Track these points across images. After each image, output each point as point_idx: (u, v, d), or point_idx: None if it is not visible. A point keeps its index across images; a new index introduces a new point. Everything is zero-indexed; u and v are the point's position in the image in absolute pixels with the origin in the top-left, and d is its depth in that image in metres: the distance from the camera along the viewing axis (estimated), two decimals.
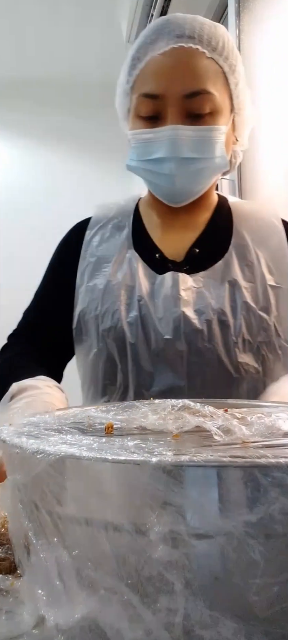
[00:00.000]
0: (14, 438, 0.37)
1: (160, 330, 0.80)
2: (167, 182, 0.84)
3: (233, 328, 0.80)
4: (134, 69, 0.85)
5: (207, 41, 0.81)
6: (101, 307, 0.84)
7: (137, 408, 0.46)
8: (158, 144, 0.82)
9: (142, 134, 0.84)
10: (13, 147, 3.58)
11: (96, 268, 0.89)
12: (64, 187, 3.52)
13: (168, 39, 0.81)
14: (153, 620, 0.29)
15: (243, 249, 0.87)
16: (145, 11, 2.40)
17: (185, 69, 0.80)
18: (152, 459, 0.29)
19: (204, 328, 0.79)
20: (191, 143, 0.80)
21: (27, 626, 0.34)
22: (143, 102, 0.83)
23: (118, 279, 0.85)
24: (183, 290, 0.82)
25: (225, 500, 0.28)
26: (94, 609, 0.30)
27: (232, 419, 0.38)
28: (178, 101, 0.80)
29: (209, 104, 0.81)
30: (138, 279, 0.84)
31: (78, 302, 0.88)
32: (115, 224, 0.93)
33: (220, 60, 0.82)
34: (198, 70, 0.80)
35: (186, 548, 0.28)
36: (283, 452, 0.29)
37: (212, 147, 0.82)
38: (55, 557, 0.32)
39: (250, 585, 0.28)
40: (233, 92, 0.85)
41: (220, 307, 0.81)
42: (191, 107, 0.80)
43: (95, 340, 0.84)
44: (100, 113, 3.57)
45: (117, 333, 0.82)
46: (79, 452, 0.31)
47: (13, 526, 0.38)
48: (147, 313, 0.82)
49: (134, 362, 0.81)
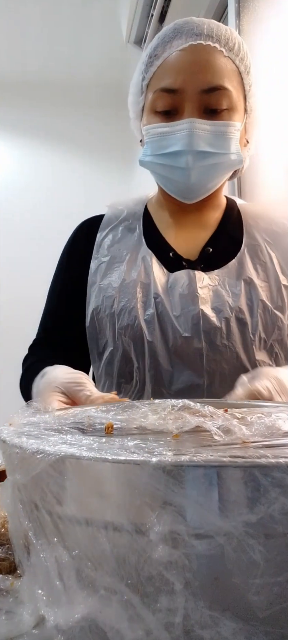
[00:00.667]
0: (14, 438, 0.37)
1: (178, 327, 0.80)
2: (182, 176, 0.84)
3: (251, 326, 0.81)
4: (151, 65, 0.87)
5: (224, 41, 0.83)
6: (117, 305, 0.84)
7: (137, 408, 0.46)
8: (174, 138, 0.82)
9: (157, 127, 0.85)
10: (12, 146, 3.58)
11: (109, 267, 0.89)
12: (63, 186, 3.52)
13: (187, 36, 0.83)
14: (153, 620, 0.29)
15: (255, 248, 0.88)
16: (145, 11, 2.39)
17: (203, 65, 0.82)
18: (152, 459, 0.29)
19: (223, 326, 0.80)
20: (208, 137, 0.81)
21: (27, 626, 0.34)
22: (160, 96, 0.84)
23: (133, 277, 0.86)
24: (200, 288, 0.82)
25: (225, 500, 0.28)
26: (94, 609, 0.30)
27: (232, 419, 0.38)
28: (196, 96, 0.81)
29: (226, 100, 0.82)
30: (153, 276, 0.85)
31: (90, 301, 0.88)
32: (127, 226, 0.94)
33: (237, 60, 0.84)
34: (216, 67, 0.82)
35: (186, 548, 0.28)
36: (283, 452, 0.29)
37: (228, 142, 0.83)
38: (55, 557, 0.32)
39: (250, 585, 0.28)
40: (247, 93, 0.87)
41: (238, 305, 0.82)
42: (208, 103, 0.82)
43: (111, 339, 0.84)
44: (100, 113, 3.58)
45: (134, 331, 0.82)
46: (79, 452, 0.31)
47: (13, 526, 0.38)
48: (163, 310, 0.82)
49: (152, 359, 0.81)
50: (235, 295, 0.82)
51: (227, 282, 0.84)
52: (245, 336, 0.81)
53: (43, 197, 3.49)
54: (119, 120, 3.44)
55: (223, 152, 0.83)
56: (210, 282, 0.84)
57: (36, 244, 3.34)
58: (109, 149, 3.54)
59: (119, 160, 3.51)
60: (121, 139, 3.56)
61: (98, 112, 3.55)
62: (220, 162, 0.84)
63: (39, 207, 3.46)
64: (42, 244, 3.32)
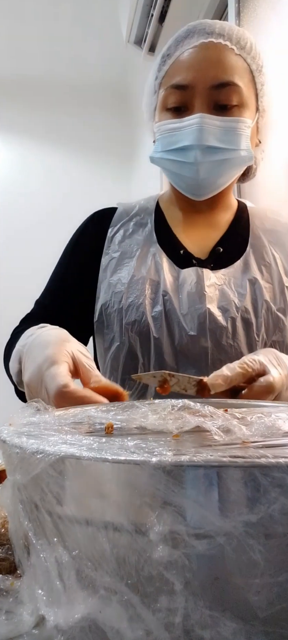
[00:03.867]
0: (14, 438, 0.37)
1: (185, 326, 0.81)
2: (191, 171, 0.84)
3: (256, 326, 0.81)
4: (164, 65, 0.88)
5: (236, 40, 0.84)
6: (125, 301, 0.84)
7: (137, 408, 0.46)
8: (184, 133, 0.83)
9: (168, 124, 0.85)
10: (12, 146, 3.58)
11: (119, 263, 0.89)
12: (63, 186, 3.53)
13: (199, 35, 0.84)
14: (153, 620, 0.29)
15: (260, 249, 0.88)
16: (145, 11, 2.39)
17: (214, 61, 0.82)
18: (152, 459, 0.29)
19: (229, 325, 0.80)
20: (217, 132, 0.82)
21: (27, 626, 0.34)
22: (171, 93, 0.85)
23: (142, 274, 0.86)
24: (207, 287, 0.83)
25: (225, 500, 0.28)
26: (94, 609, 0.30)
27: (232, 419, 0.38)
28: (206, 91, 0.82)
29: (236, 96, 0.83)
30: (163, 273, 0.85)
31: (100, 296, 0.88)
32: (138, 221, 0.94)
33: (248, 58, 0.85)
34: (226, 63, 0.83)
35: (186, 548, 0.28)
36: (283, 452, 0.29)
37: (238, 138, 0.83)
38: (55, 557, 0.32)
39: (250, 585, 0.28)
40: (259, 92, 0.87)
41: (244, 305, 0.82)
42: (218, 98, 0.82)
43: (118, 334, 0.84)
44: (99, 113, 3.58)
45: (141, 327, 0.82)
46: (79, 452, 0.31)
47: (13, 526, 0.38)
48: (171, 308, 0.82)
49: (157, 357, 0.81)
50: (241, 295, 0.83)
51: (232, 282, 0.84)
52: (250, 336, 0.81)
53: (42, 196, 3.49)
54: (119, 120, 3.46)
55: (233, 148, 0.83)
56: (217, 281, 0.84)
57: (35, 243, 3.34)
58: (108, 148, 3.54)
59: (118, 160, 3.51)
60: (121, 139, 3.56)
61: (98, 112, 3.55)
62: (229, 158, 0.84)
63: (38, 207, 3.46)
64: (41, 243, 3.32)
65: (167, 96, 0.86)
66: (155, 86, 0.90)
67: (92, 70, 3.37)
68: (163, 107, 0.87)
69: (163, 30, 2.40)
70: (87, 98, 3.55)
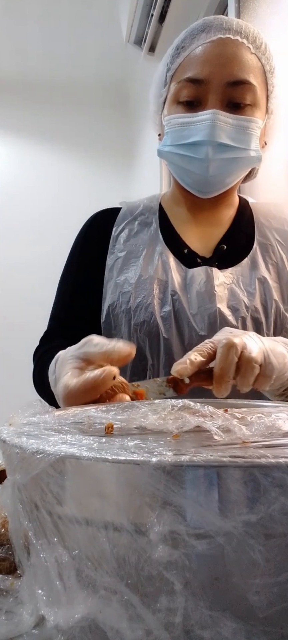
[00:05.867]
0: (14, 438, 0.37)
1: (195, 326, 0.80)
2: (200, 167, 0.84)
3: (265, 326, 0.81)
4: (178, 57, 0.86)
5: (252, 39, 0.84)
6: (133, 301, 0.83)
7: (137, 408, 0.46)
8: (196, 128, 0.82)
9: (179, 117, 0.84)
10: (11, 146, 3.58)
11: (125, 263, 0.89)
12: (63, 185, 3.53)
13: (216, 30, 0.83)
14: (153, 620, 0.29)
15: (267, 247, 0.88)
16: (145, 11, 2.39)
17: (230, 58, 0.82)
18: (152, 459, 0.29)
19: (239, 325, 0.80)
20: (229, 130, 0.81)
21: (27, 626, 0.34)
22: (185, 86, 0.84)
23: (150, 273, 0.85)
24: (217, 286, 0.82)
25: (225, 500, 0.28)
26: (94, 609, 0.30)
27: (232, 419, 0.38)
28: (221, 88, 0.81)
29: (250, 95, 0.82)
30: (171, 273, 0.84)
31: (106, 296, 0.88)
32: (142, 220, 0.94)
33: (263, 58, 0.85)
34: (243, 61, 0.82)
35: (186, 548, 0.28)
36: (283, 452, 0.29)
37: (249, 138, 0.83)
38: (55, 557, 0.32)
39: (250, 585, 0.28)
40: (270, 94, 0.87)
41: (253, 304, 0.81)
42: (232, 96, 0.81)
43: (126, 335, 0.83)
44: (99, 113, 3.58)
45: (150, 327, 0.81)
46: (79, 452, 0.31)
47: (13, 526, 0.38)
48: (180, 308, 0.81)
49: (167, 357, 0.80)
50: (250, 294, 0.82)
51: (241, 281, 0.84)
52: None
53: (42, 196, 3.49)
54: (119, 119, 3.46)
55: (243, 148, 0.82)
56: (225, 280, 0.83)
57: (35, 243, 3.34)
58: (108, 149, 3.54)
59: (118, 160, 3.51)
60: (121, 139, 3.56)
61: (98, 112, 3.55)
62: (239, 157, 0.83)
63: (39, 207, 3.46)
64: (41, 243, 3.32)
65: (179, 89, 0.84)
66: (167, 78, 0.88)
67: (92, 70, 3.37)
68: (175, 100, 0.85)
69: (163, 30, 2.40)
70: (86, 98, 3.55)
